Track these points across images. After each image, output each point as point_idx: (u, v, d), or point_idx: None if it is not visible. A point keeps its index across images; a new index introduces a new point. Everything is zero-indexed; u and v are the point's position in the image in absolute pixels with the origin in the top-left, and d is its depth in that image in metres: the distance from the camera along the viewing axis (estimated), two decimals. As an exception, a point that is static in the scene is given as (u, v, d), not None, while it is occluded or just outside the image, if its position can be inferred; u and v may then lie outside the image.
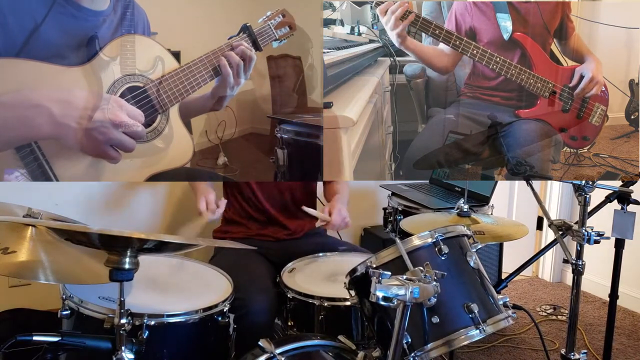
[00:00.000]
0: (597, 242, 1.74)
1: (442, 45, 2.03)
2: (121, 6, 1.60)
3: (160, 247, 1.34)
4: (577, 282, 1.83)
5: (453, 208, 1.96)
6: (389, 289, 1.18)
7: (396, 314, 1.23)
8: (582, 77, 2.05)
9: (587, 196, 1.76)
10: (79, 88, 1.52)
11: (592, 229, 1.75)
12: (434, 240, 1.43)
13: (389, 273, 1.22)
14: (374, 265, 1.39)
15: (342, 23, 2.09)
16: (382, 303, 1.19)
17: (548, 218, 1.88)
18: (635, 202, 1.87)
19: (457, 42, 1.92)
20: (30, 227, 1.47)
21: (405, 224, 1.96)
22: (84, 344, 1.32)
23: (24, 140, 1.47)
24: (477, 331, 1.36)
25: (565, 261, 1.83)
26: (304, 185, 2.26)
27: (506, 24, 2.00)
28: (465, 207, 1.93)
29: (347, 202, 2.27)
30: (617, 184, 1.96)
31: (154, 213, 2.89)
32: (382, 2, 1.88)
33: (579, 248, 1.80)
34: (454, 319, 1.37)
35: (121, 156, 1.57)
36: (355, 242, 3.28)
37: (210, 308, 1.59)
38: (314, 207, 2.31)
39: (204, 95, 1.74)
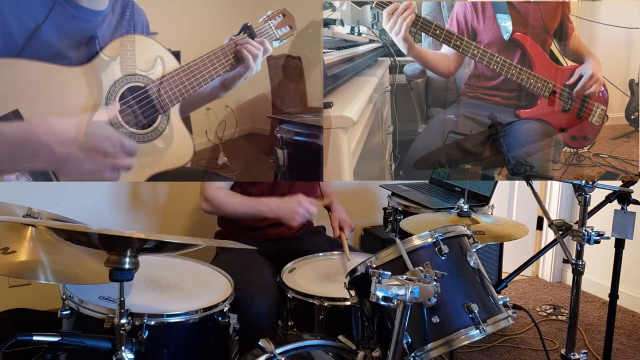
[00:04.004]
0: (597, 242, 1.74)
1: (444, 49, 2.04)
2: (120, 6, 1.60)
3: (160, 247, 1.34)
4: (577, 282, 1.83)
5: (453, 208, 1.96)
6: (389, 289, 1.18)
7: (396, 314, 1.23)
8: (581, 77, 2.05)
9: (587, 196, 1.76)
10: (82, 113, 1.52)
11: (592, 229, 1.75)
12: (434, 240, 1.43)
13: (389, 273, 1.22)
14: (374, 265, 1.39)
15: (342, 23, 2.09)
16: (382, 303, 1.19)
17: (548, 218, 1.88)
18: (635, 202, 1.87)
19: (458, 43, 1.92)
20: (30, 227, 1.47)
21: (405, 224, 1.96)
22: (84, 344, 1.32)
23: (27, 170, 1.48)
24: (477, 331, 1.36)
25: (565, 261, 1.83)
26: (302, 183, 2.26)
27: (506, 24, 2.00)
28: (465, 207, 1.93)
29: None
30: (617, 184, 1.96)
31: (154, 213, 2.89)
32: (383, 3, 1.88)
33: (579, 248, 1.80)
34: (454, 319, 1.37)
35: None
36: (355, 242, 3.28)
37: (210, 308, 1.59)
38: None
39: (212, 86, 1.74)
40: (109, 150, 1.53)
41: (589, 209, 1.80)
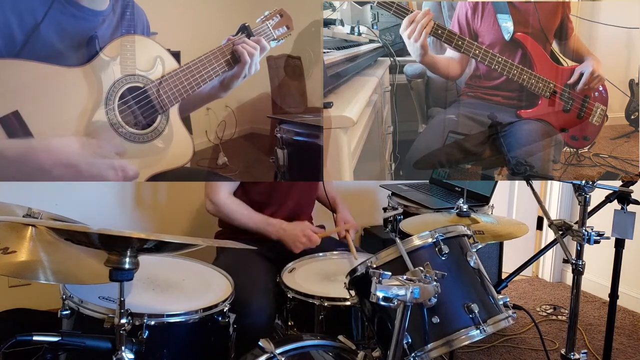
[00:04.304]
0: (597, 242, 1.74)
1: (449, 53, 2.04)
2: (120, 6, 1.60)
3: (160, 247, 1.34)
4: (577, 282, 1.83)
5: (453, 208, 1.96)
6: (389, 289, 1.18)
7: (396, 314, 1.23)
8: (581, 75, 2.05)
9: (587, 196, 1.76)
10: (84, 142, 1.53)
11: (592, 229, 1.75)
12: (434, 240, 1.43)
13: (389, 273, 1.22)
14: (374, 266, 1.39)
15: (342, 23, 2.09)
16: (382, 303, 1.19)
17: (548, 218, 1.88)
18: (635, 202, 1.87)
19: (460, 43, 1.92)
20: (30, 227, 1.47)
21: (405, 224, 1.96)
22: (84, 344, 1.32)
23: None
24: (478, 331, 1.36)
25: (565, 261, 1.83)
26: (303, 184, 2.26)
27: (507, 24, 2.00)
28: (465, 207, 1.93)
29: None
30: (617, 184, 1.96)
31: (154, 213, 2.89)
32: (383, 3, 1.88)
33: (579, 248, 1.80)
34: (454, 319, 1.37)
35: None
36: (355, 242, 3.28)
37: (210, 308, 1.59)
38: (312, 208, 2.32)
39: (211, 86, 1.74)
40: (111, 176, 1.54)
41: (589, 209, 1.80)
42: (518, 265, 2.12)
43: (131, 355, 1.31)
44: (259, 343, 1.44)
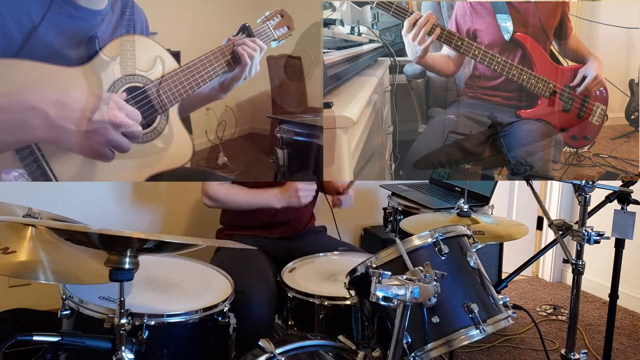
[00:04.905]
0: (597, 242, 1.74)
1: (445, 50, 2.04)
2: (119, 5, 1.60)
3: (160, 247, 1.34)
4: (577, 282, 1.83)
5: (453, 208, 1.96)
6: (389, 289, 1.18)
7: (396, 314, 1.23)
8: (584, 77, 2.05)
9: (587, 196, 1.76)
10: (77, 89, 1.51)
11: (592, 229, 1.75)
12: (434, 240, 1.43)
13: (389, 273, 1.22)
14: (374, 265, 1.39)
15: (342, 23, 2.09)
16: (382, 303, 1.19)
17: (548, 218, 1.88)
18: (635, 202, 1.87)
19: (459, 44, 1.92)
20: (30, 227, 1.47)
21: (405, 224, 1.96)
22: (84, 344, 1.32)
23: (21, 143, 1.47)
24: (477, 331, 1.36)
25: (565, 261, 1.83)
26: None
27: (506, 24, 2.00)
28: (465, 207, 1.93)
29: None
30: (617, 184, 1.96)
31: (154, 213, 2.89)
32: (383, 3, 1.88)
33: (579, 248, 1.80)
34: (454, 319, 1.37)
35: (115, 156, 1.57)
36: (355, 242, 3.28)
37: (210, 308, 1.59)
38: (313, 206, 2.32)
39: (211, 87, 1.74)
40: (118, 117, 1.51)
41: (589, 209, 1.80)
42: (518, 265, 2.12)
43: (131, 355, 1.31)
44: (259, 343, 1.44)
